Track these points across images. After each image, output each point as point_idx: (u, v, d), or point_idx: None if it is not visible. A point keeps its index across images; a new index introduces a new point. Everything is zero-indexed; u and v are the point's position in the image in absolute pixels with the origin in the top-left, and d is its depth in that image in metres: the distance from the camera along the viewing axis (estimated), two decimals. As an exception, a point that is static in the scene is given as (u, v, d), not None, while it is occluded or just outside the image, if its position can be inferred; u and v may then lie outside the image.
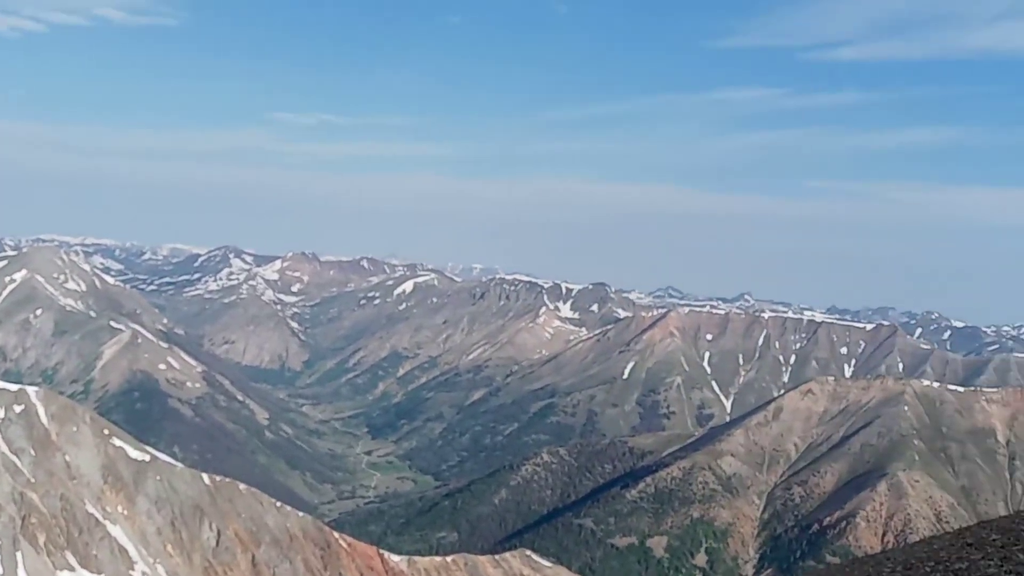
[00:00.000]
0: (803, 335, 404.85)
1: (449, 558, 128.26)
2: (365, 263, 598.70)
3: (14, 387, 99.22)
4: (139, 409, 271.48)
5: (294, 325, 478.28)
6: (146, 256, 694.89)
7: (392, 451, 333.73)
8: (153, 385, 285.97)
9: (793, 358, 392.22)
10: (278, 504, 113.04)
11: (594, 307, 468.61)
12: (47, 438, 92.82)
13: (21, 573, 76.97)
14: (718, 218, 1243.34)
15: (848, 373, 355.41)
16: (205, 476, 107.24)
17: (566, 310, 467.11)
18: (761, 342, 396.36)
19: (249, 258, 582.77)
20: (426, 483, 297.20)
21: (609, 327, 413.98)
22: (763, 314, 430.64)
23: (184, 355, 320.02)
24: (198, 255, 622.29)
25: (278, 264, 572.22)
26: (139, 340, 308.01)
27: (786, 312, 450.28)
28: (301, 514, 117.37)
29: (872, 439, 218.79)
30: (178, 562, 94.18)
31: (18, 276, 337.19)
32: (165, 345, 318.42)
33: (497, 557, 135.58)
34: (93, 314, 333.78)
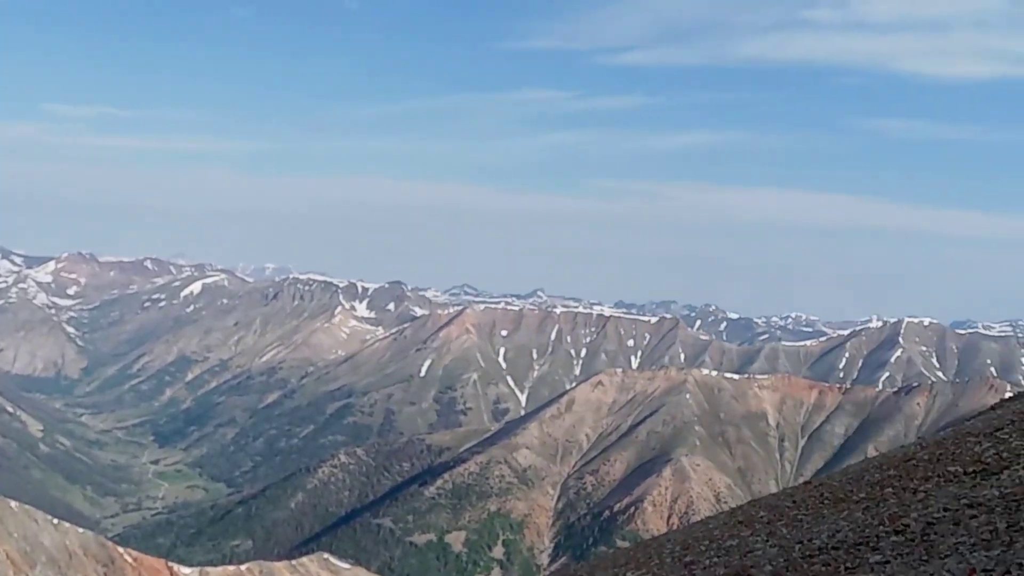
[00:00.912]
0: (593, 329, 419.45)
1: (243, 566, 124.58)
2: (149, 264, 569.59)
3: None
4: None
5: (70, 330, 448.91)
6: None
7: (181, 459, 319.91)
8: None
9: (584, 351, 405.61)
10: (55, 521, 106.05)
11: (391, 306, 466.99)
12: None
13: None
14: (512, 216, 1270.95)
15: (635, 364, 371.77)
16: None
17: (362, 309, 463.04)
18: (554, 337, 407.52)
19: (19, 259, 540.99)
20: (218, 491, 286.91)
21: (406, 325, 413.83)
22: (555, 309, 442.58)
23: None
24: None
25: (52, 265, 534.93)
26: None
27: (577, 307, 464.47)
28: (81, 530, 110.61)
29: (658, 427, 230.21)
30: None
31: None
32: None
33: (294, 562, 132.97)
34: None
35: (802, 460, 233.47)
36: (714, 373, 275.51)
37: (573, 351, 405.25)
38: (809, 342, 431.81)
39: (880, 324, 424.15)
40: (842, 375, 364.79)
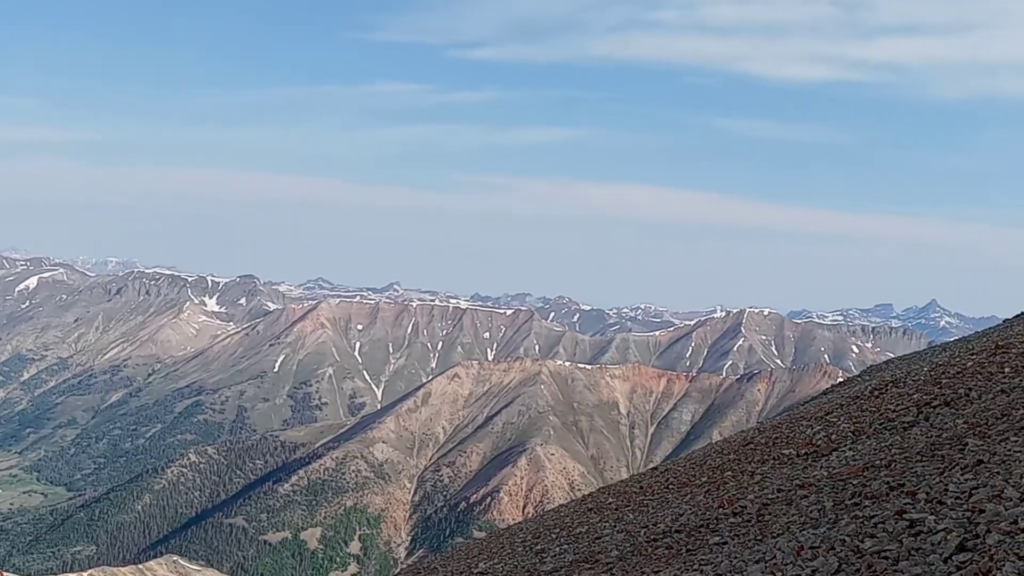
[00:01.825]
0: (449, 322, 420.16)
1: (86, 573, 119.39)
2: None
3: None
4: None
5: None
6: None
7: (16, 464, 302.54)
8: None
9: (440, 344, 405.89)
10: None
11: (242, 300, 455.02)
12: None
13: None
14: (368, 209, 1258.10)
15: (491, 356, 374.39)
16: None
17: (212, 304, 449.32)
18: (410, 330, 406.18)
19: None
20: (58, 495, 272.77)
21: (258, 320, 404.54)
22: (412, 303, 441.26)
23: None
24: None
25: None
26: None
27: (433, 300, 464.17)
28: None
29: (513, 417, 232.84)
30: None
31: None
32: None
33: (141, 566, 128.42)
34: None
35: (651, 446, 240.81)
36: (568, 364, 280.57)
37: (429, 344, 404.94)
38: (658, 332, 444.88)
39: (724, 314, 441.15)
40: (689, 363, 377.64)
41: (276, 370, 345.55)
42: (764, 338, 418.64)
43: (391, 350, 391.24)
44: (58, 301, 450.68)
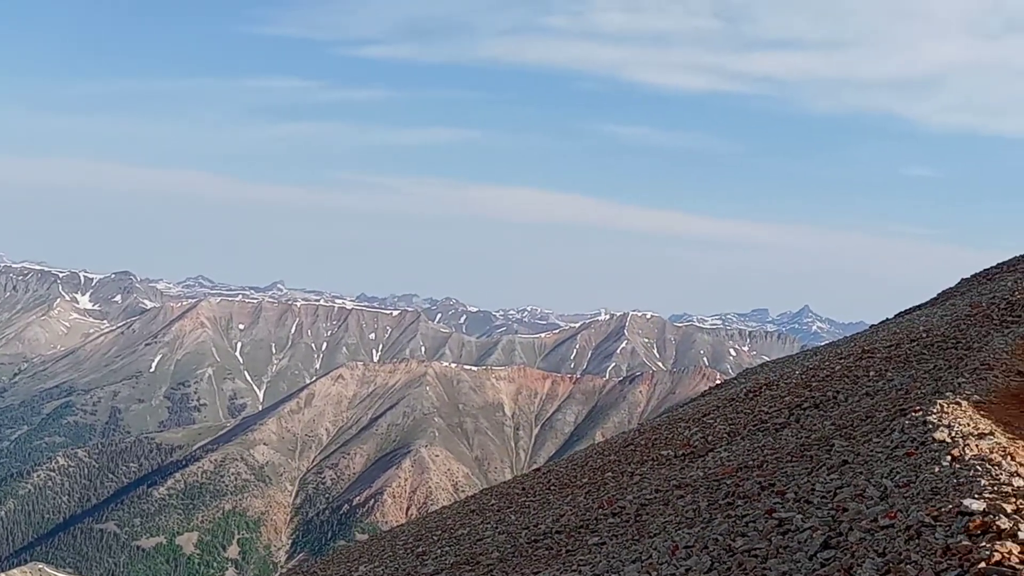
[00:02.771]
0: (334, 322, 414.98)
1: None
2: None
3: None
4: None
5: None
6: None
7: None
8: None
9: (325, 345, 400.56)
10: None
11: (117, 298, 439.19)
12: None
13: None
14: (251, 206, 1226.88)
15: (376, 357, 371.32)
16: None
17: (85, 301, 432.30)
18: (294, 330, 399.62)
19: None
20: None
21: (135, 319, 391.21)
22: (296, 303, 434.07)
23: None
24: None
25: None
26: None
27: (318, 300, 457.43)
28: None
29: (398, 419, 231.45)
30: None
31: None
32: None
33: (4, 574, 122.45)
34: None
35: (536, 448, 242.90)
36: (454, 365, 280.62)
37: (314, 345, 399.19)
38: (543, 334, 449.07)
39: (608, 317, 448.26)
40: (573, 365, 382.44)
41: (152, 370, 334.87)
42: (646, 341, 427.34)
43: (274, 350, 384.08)
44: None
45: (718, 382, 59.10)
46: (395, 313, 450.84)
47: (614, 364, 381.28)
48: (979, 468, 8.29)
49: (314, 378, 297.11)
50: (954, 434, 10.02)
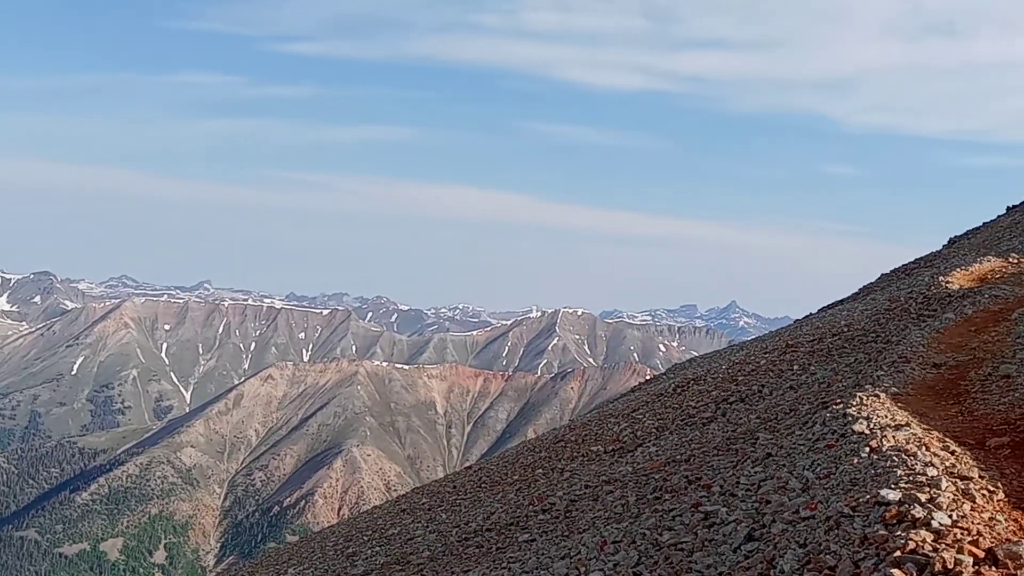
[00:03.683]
0: (263, 322, 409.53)
1: None
2: None
3: None
4: None
5: None
6: None
7: None
8: None
9: (253, 345, 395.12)
10: None
11: (36, 298, 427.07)
12: None
13: None
14: (176, 204, 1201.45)
15: (306, 357, 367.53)
16: None
17: (3, 303, 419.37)
18: (221, 330, 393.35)
19: None
20: None
21: (55, 320, 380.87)
22: (223, 302, 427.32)
23: None
24: None
25: None
26: None
27: (246, 300, 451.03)
28: None
29: (329, 419, 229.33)
30: None
31: None
32: None
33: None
34: None
35: (468, 445, 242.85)
36: (385, 364, 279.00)
37: (242, 345, 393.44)
38: (475, 332, 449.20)
39: (539, 314, 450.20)
40: (505, 363, 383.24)
41: (74, 372, 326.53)
42: (578, 337, 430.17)
43: (201, 351, 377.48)
44: None
45: (648, 378, 59.79)
46: (325, 312, 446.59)
47: (546, 361, 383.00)
48: (896, 459, 8.51)
49: (243, 379, 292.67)
50: (872, 426, 10.27)
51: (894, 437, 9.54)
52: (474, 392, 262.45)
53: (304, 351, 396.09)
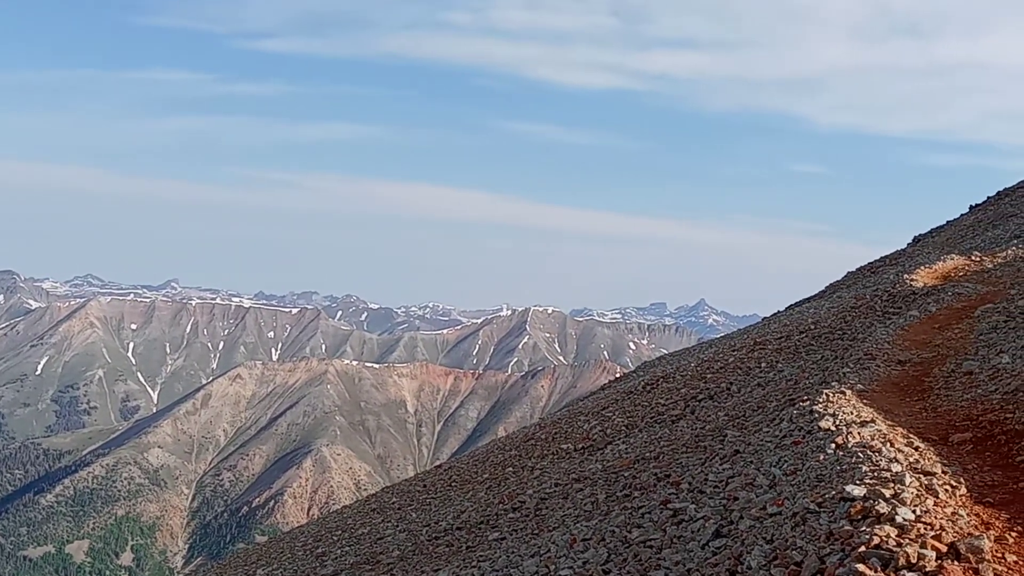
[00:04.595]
0: (232, 321, 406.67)
1: None
2: None
3: None
4: None
5: None
6: None
7: None
8: None
9: (222, 344, 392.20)
10: None
11: (0, 298, 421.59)
12: None
13: None
14: (142, 202, 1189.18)
15: (275, 356, 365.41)
16: None
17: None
18: (189, 330, 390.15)
19: None
20: None
21: (19, 319, 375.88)
22: (191, 301, 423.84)
23: None
24: None
25: None
26: None
27: (214, 299, 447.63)
28: None
29: (298, 418, 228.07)
30: None
31: None
32: None
33: None
34: None
35: (438, 444, 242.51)
36: (355, 363, 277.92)
37: (210, 344, 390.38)
38: (446, 331, 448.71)
39: (510, 313, 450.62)
40: (476, 361, 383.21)
41: (39, 373, 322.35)
42: (548, 336, 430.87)
43: (168, 350, 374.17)
44: None
45: (617, 375, 60.06)
46: (294, 311, 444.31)
47: (516, 359, 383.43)
48: (861, 455, 8.61)
49: (211, 378, 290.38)
50: (838, 422, 10.38)
51: (859, 433, 9.64)
52: (444, 391, 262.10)
53: (273, 350, 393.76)
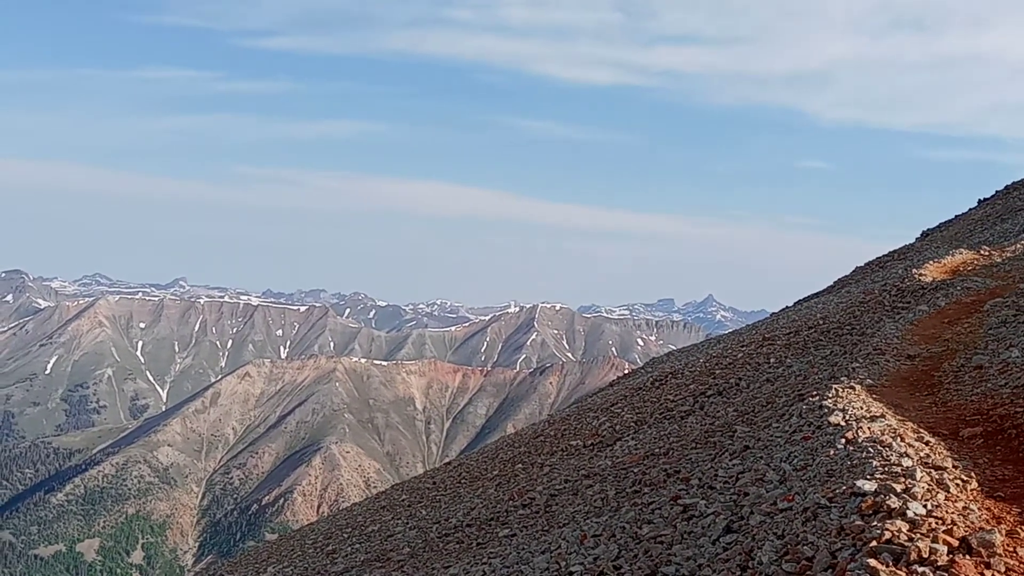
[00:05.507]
0: (240, 319, 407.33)
1: None
2: None
3: None
4: None
5: None
6: None
7: None
8: None
9: (230, 343, 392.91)
10: None
11: (9, 297, 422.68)
12: None
13: None
14: (149, 201, 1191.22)
15: (284, 354, 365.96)
16: None
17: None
18: (197, 328, 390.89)
19: None
20: None
21: (28, 319, 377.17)
22: (199, 300, 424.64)
23: None
24: None
25: None
26: None
27: (223, 297, 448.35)
28: None
29: (307, 416, 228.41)
30: None
31: None
32: None
33: None
34: None
35: (447, 441, 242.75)
36: (363, 360, 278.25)
37: (219, 342, 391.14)
38: (454, 328, 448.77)
39: (518, 309, 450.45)
40: (484, 358, 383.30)
41: (48, 372, 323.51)
42: (556, 332, 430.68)
43: (177, 349, 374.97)
44: None
45: (626, 372, 60.02)
46: (302, 309, 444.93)
47: (524, 356, 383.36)
48: (871, 450, 8.61)
49: (220, 376, 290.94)
50: (848, 417, 10.37)
51: (869, 428, 9.64)
52: (453, 388, 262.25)
53: (282, 348, 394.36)
